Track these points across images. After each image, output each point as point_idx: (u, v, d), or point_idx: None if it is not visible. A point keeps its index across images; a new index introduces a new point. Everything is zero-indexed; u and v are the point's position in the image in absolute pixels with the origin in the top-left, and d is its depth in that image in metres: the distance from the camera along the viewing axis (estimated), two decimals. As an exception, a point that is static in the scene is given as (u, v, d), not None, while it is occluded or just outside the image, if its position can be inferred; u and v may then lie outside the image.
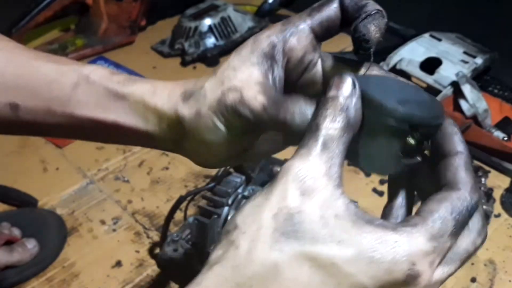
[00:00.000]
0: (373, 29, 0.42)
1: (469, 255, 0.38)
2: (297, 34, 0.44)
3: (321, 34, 0.46)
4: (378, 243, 0.33)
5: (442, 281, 0.37)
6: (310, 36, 0.45)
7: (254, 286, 0.32)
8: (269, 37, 0.43)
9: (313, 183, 0.34)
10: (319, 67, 0.47)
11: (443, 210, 0.35)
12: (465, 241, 0.37)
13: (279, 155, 1.09)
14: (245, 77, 0.42)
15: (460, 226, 0.36)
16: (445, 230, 0.35)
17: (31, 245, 0.97)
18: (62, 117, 0.48)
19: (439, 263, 0.36)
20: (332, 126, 0.36)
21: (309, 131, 0.36)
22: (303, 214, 0.32)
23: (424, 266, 0.34)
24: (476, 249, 0.38)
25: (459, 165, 0.38)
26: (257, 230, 0.33)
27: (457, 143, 0.39)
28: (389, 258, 0.32)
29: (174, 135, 0.45)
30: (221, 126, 0.42)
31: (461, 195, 0.36)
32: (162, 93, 0.46)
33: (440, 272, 0.36)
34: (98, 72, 0.48)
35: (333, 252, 0.32)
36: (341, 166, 0.37)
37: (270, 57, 0.43)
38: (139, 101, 0.46)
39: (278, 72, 0.43)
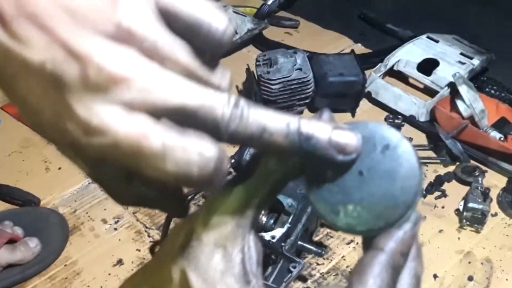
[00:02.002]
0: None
1: None
2: None
3: None
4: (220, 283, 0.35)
5: None
6: None
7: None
8: None
9: (218, 219, 0.36)
10: None
11: None
12: None
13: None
14: None
15: None
16: None
17: (34, 244, 0.97)
18: None
19: None
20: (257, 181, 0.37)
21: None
22: (200, 242, 0.36)
23: None
24: None
25: (369, 264, 0.35)
26: (174, 242, 0.38)
27: (385, 240, 0.35)
28: None
29: None
30: None
31: None
32: None
33: None
34: None
35: (194, 279, 0.35)
36: (259, 209, 0.37)
37: None
38: None
39: None
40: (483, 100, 1.23)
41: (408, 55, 1.39)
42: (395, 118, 1.32)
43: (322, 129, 0.33)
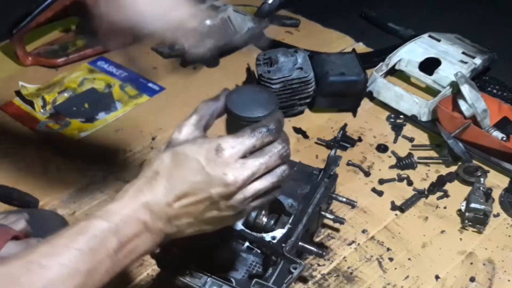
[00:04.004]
0: None
1: (267, 160, 0.67)
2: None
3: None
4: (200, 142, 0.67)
5: (253, 166, 0.66)
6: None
7: (160, 170, 0.66)
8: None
9: (184, 129, 0.70)
10: None
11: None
12: (270, 147, 0.68)
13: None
14: None
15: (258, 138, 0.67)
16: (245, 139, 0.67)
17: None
18: None
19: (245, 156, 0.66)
20: (203, 107, 0.73)
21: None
22: (177, 139, 0.69)
23: (226, 145, 0.65)
24: (274, 156, 0.68)
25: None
26: (164, 145, 0.70)
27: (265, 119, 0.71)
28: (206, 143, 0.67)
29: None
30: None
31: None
32: None
33: (249, 160, 0.66)
34: None
35: (182, 148, 0.67)
36: (206, 123, 0.72)
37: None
38: None
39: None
40: (485, 99, 1.22)
41: (409, 54, 1.38)
42: (397, 118, 1.31)
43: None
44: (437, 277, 0.98)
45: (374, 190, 1.14)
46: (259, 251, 0.90)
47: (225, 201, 0.66)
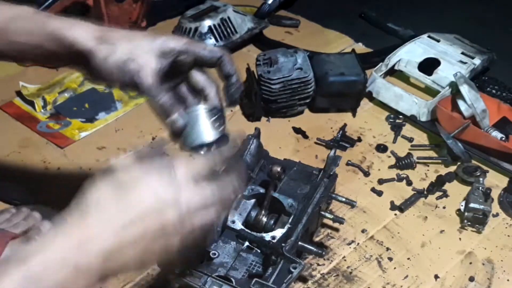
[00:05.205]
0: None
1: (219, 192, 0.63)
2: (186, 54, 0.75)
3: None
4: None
5: (208, 191, 0.62)
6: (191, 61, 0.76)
7: (101, 200, 0.61)
8: (173, 45, 0.73)
9: (125, 160, 0.63)
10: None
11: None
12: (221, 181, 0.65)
13: (279, 155, 1.09)
14: (145, 61, 0.71)
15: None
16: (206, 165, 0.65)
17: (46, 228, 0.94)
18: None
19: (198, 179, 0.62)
20: None
21: None
22: (116, 165, 0.62)
23: (179, 170, 0.61)
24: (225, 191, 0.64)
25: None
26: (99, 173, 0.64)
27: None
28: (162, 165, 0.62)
29: (80, 60, 0.73)
30: (116, 78, 0.72)
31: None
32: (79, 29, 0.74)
33: (201, 185, 0.62)
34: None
35: (125, 174, 0.62)
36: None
37: (166, 56, 0.73)
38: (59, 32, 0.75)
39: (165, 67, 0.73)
40: (485, 99, 1.23)
41: (409, 55, 1.39)
42: (396, 118, 1.31)
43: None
44: (436, 276, 0.98)
45: (373, 190, 1.14)
46: (259, 251, 0.91)
47: (176, 227, 0.59)
